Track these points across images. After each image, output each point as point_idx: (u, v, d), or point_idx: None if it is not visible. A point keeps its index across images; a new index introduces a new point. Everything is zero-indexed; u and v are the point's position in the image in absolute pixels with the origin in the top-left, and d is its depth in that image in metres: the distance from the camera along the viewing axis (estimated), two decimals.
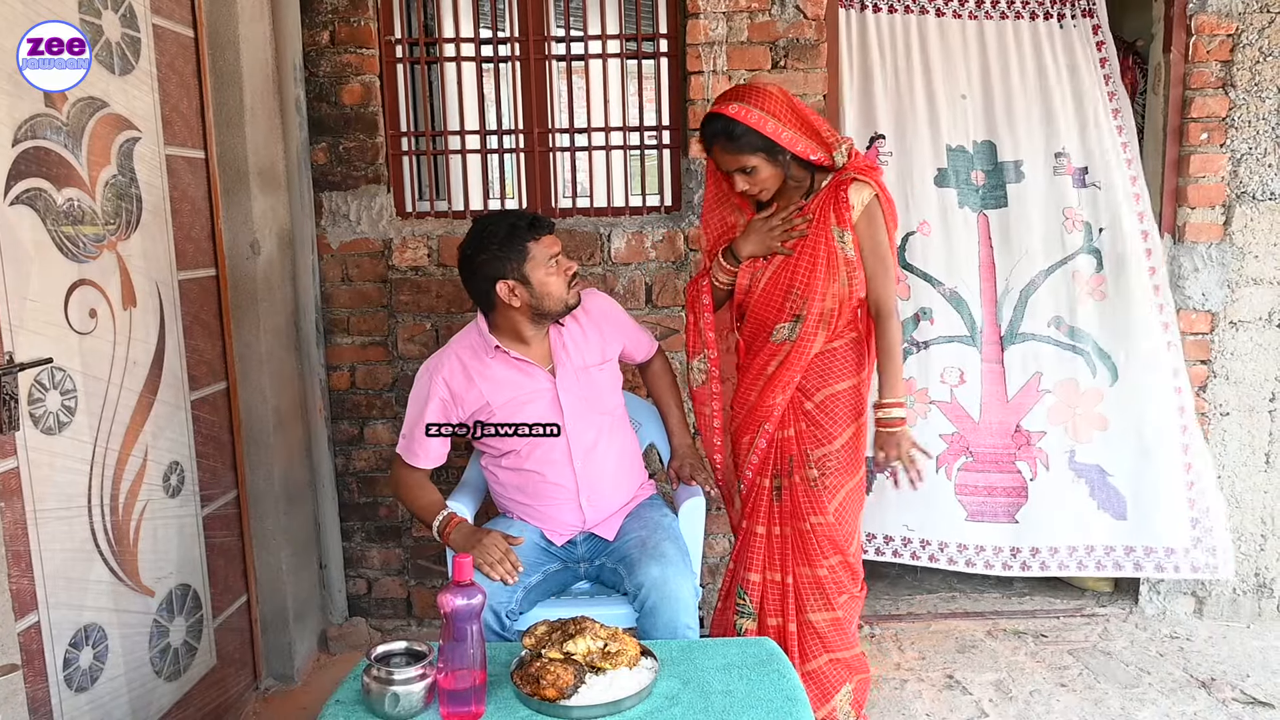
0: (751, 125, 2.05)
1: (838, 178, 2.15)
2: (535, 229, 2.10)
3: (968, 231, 2.94)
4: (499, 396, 2.17)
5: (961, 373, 2.92)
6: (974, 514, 2.93)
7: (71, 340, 1.90)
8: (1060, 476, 2.91)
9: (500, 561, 2.03)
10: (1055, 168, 2.92)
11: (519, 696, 1.63)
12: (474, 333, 2.22)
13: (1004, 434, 2.93)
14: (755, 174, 2.12)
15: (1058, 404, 2.90)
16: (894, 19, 2.94)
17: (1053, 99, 2.92)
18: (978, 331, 2.93)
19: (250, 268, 2.59)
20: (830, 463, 2.18)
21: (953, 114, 2.93)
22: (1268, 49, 2.83)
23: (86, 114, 1.96)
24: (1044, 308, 2.92)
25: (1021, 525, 2.91)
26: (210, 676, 2.46)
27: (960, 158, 2.94)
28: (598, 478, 2.22)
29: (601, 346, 2.27)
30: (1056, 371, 2.91)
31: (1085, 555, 2.92)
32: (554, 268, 2.10)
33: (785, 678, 1.70)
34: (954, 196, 2.93)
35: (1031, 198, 2.92)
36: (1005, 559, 2.92)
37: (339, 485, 3.06)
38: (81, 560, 1.95)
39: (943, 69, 2.93)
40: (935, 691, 2.65)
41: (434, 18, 3.06)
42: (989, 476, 2.92)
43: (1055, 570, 2.94)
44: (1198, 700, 2.58)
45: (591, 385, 2.23)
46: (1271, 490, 3.00)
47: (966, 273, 2.93)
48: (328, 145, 2.92)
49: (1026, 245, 2.92)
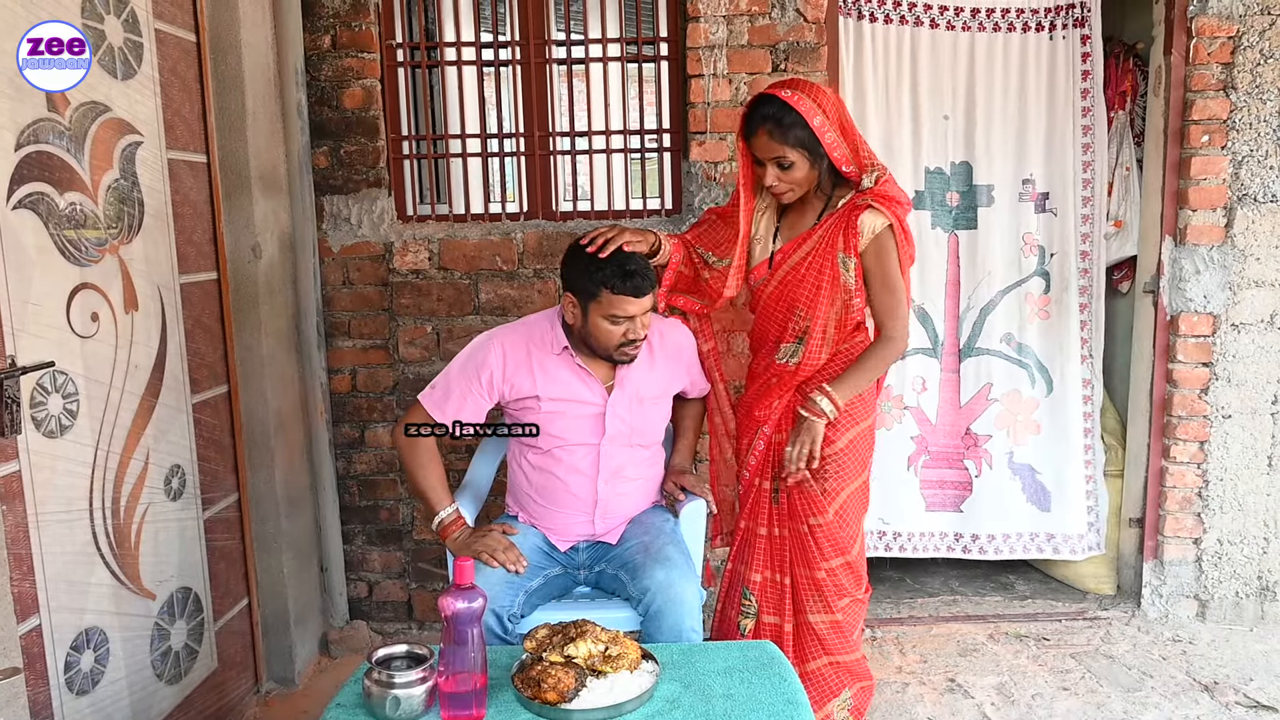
0: (802, 114, 2.00)
1: (855, 200, 2.09)
2: (624, 285, 1.99)
3: (939, 251, 3.11)
4: (550, 392, 2.13)
5: (924, 381, 3.15)
6: (930, 505, 3.20)
7: (73, 344, 1.90)
8: (1000, 474, 3.18)
9: (507, 549, 2.04)
10: (1021, 194, 3.10)
11: (520, 700, 1.62)
12: (547, 324, 2.18)
13: (955, 435, 3.18)
14: (791, 170, 2.06)
15: (1003, 411, 3.16)
16: (889, 30, 2.98)
17: (1028, 123, 3.06)
18: (940, 345, 3.14)
19: (252, 271, 2.59)
20: (831, 466, 2.16)
21: (934, 135, 3.06)
22: (1268, 51, 2.82)
23: (89, 118, 1.96)
24: (999, 325, 3.14)
25: (965, 515, 3.19)
26: (211, 680, 2.46)
27: (937, 180, 3.09)
28: (617, 498, 2.22)
29: (666, 382, 2.25)
30: (1005, 383, 3.15)
31: (1015, 541, 3.20)
32: (615, 325, 2.03)
33: (786, 681, 1.70)
34: (928, 218, 3.08)
35: (998, 221, 3.10)
36: (950, 543, 3.21)
37: (340, 488, 3.06)
38: (83, 563, 1.95)
39: (930, 86, 3.02)
40: (937, 695, 2.64)
41: (435, 21, 3.06)
42: (942, 472, 3.20)
43: (991, 554, 3.21)
44: (1200, 704, 2.57)
45: (643, 416, 2.19)
46: (1274, 493, 3.00)
47: (934, 291, 3.12)
48: (329, 149, 2.93)
49: (989, 266, 3.11)
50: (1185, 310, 2.95)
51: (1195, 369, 2.96)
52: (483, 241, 2.95)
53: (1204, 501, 3.02)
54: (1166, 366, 3.01)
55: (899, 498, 3.15)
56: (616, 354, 2.09)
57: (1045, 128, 3.05)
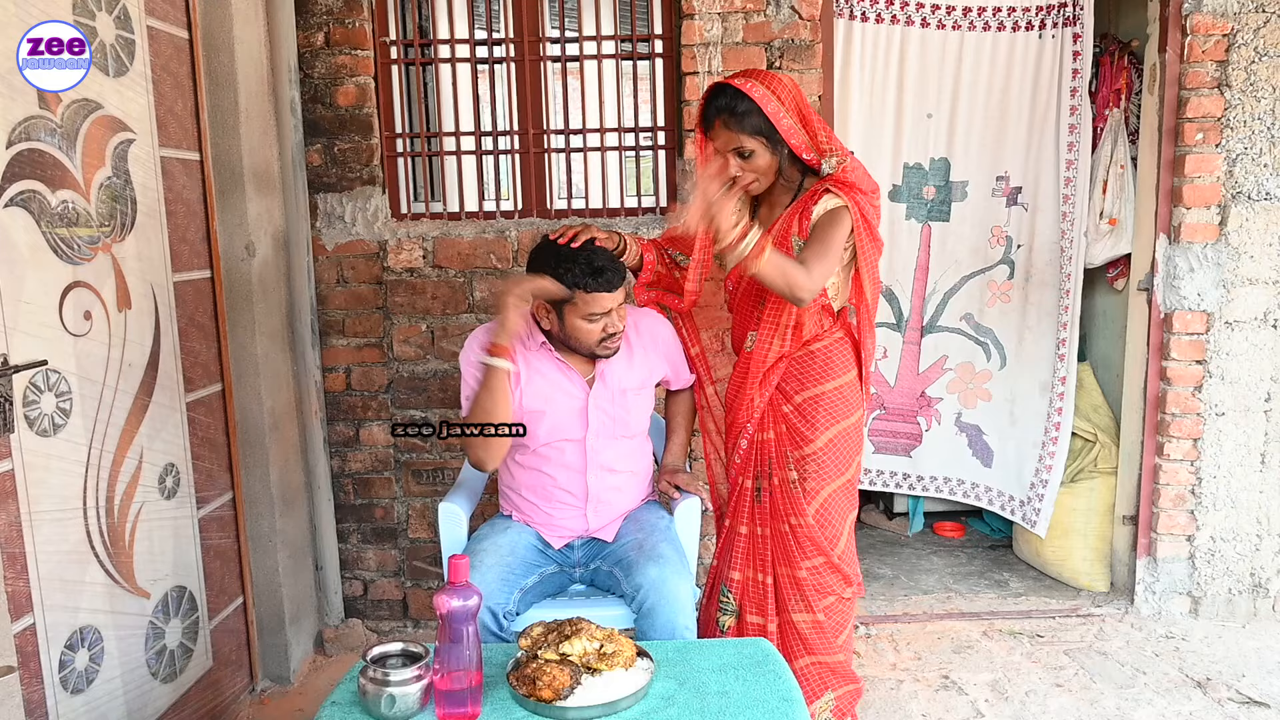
0: (755, 100, 1.99)
1: (815, 187, 2.08)
2: (596, 283, 1.98)
3: (910, 240, 3.30)
4: (534, 384, 2.14)
5: (885, 350, 3.44)
6: (879, 449, 3.54)
7: (66, 342, 1.90)
8: (948, 430, 3.48)
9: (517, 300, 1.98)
10: (994, 189, 3.24)
11: (515, 698, 1.63)
12: (523, 320, 2.14)
13: (911, 396, 3.48)
14: (752, 159, 2.05)
15: (956, 379, 3.44)
16: (879, 30, 3.01)
17: (1008, 123, 3.15)
18: (904, 321, 3.39)
19: (245, 269, 2.59)
20: (810, 465, 2.14)
21: (915, 133, 3.16)
22: (1263, 49, 2.83)
23: (81, 116, 1.96)
24: (959, 306, 3.37)
25: (914, 460, 3.53)
26: (206, 678, 2.46)
27: (915, 175, 3.23)
28: (608, 491, 2.22)
29: (646, 372, 2.24)
30: (959, 355, 3.41)
31: (957, 486, 3.51)
32: (593, 322, 2.03)
33: (781, 678, 1.70)
34: (903, 210, 3.25)
35: (970, 216, 3.26)
36: (899, 481, 3.57)
37: (335, 487, 3.06)
38: (77, 562, 1.94)
39: (915, 86, 3.10)
40: (931, 692, 2.65)
41: (429, 19, 3.05)
42: (895, 424, 3.53)
43: (934, 493, 3.54)
44: (1193, 700, 2.58)
45: (625, 408, 2.19)
46: (1267, 490, 3.01)
47: (903, 275, 3.33)
48: (323, 147, 2.92)
49: (957, 256, 3.32)
50: (1179, 308, 2.95)
51: (1189, 366, 2.97)
52: (477, 239, 2.95)
53: (1197, 499, 3.03)
54: (1160, 364, 3.02)
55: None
56: (599, 349, 2.09)
57: (1025, 125, 3.14)
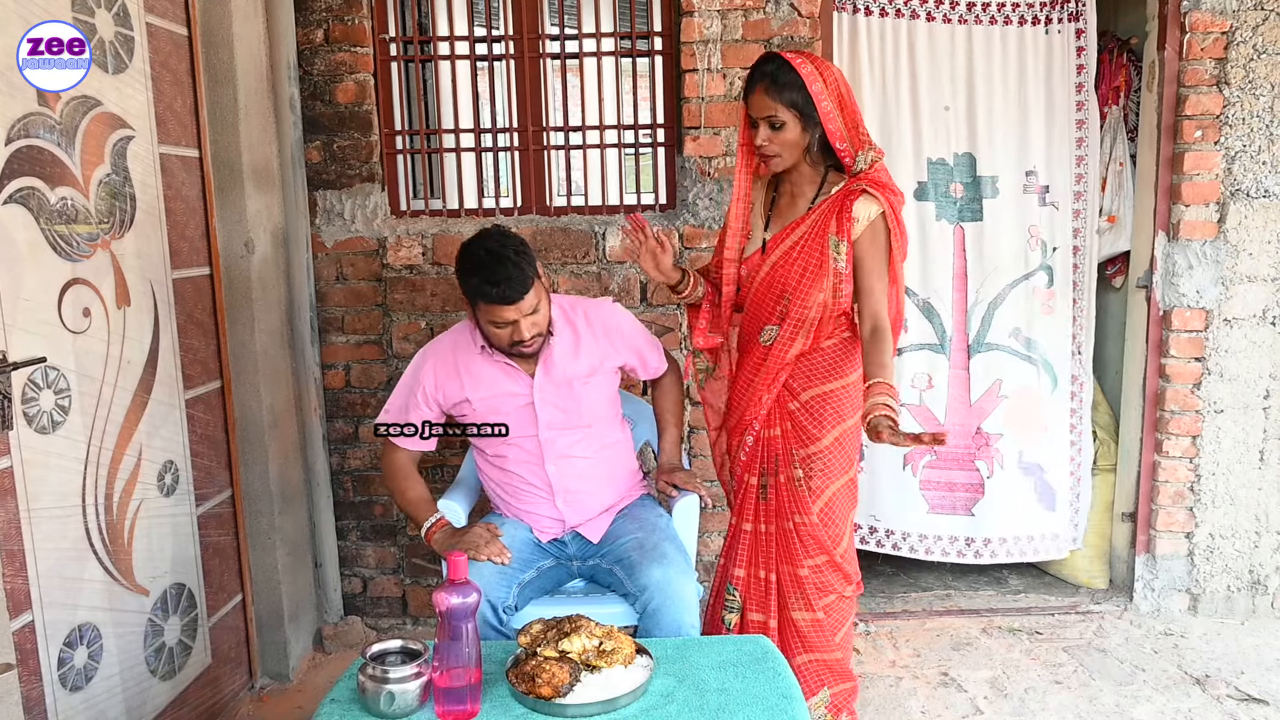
0: (802, 76, 1.98)
1: (849, 185, 2.06)
2: (484, 295, 2.00)
3: (944, 244, 3.05)
4: (478, 392, 2.19)
5: (930, 378, 3.08)
6: (935, 507, 3.12)
7: (65, 339, 1.90)
8: (1012, 474, 3.11)
9: (488, 543, 2.08)
10: (1025, 185, 3.06)
11: (514, 695, 1.63)
12: (470, 325, 2.22)
13: (965, 435, 3.10)
14: (781, 131, 2.02)
15: (1014, 408, 3.09)
16: (884, 23, 2.95)
17: (1029, 115, 3.03)
18: (947, 340, 3.07)
19: (245, 267, 2.59)
20: (815, 463, 2.14)
21: (935, 126, 3.00)
22: (1262, 46, 2.83)
23: (80, 113, 1.95)
24: (1007, 319, 3.08)
25: (977, 518, 3.11)
26: (205, 675, 2.46)
27: (940, 170, 3.03)
28: (574, 481, 2.24)
29: (595, 361, 2.24)
30: (1015, 379, 3.08)
31: (1026, 543, 3.16)
32: (499, 329, 2.06)
33: (780, 675, 1.70)
34: (932, 210, 3.03)
35: (1004, 213, 3.05)
36: (960, 548, 3.14)
37: (334, 484, 3.06)
38: (76, 559, 1.94)
39: (929, 78, 2.98)
40: (930, 689, 2.65)
41: (428, 16, 3.05)
42: (951, 474, 3.11)
43: (1002, 558, 3.15)
44: (1192, 697, 2.58)
45: (573, 398, 2.21)
46: (1266, 487, 3.01)
47: (940, 284, 3.06)
48: (322, 144, 2.92)
49: (997, 260, 3.06)
50: (1178, 305, 2.95)
51: (1188, 364, 2.97)
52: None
53: (1196, 496, 3.03)
54: (1159, 361, 3.02)
55: (894, 498, 3.11)
56: (513, 351, 2.12)
57: (1044, 121, 3.02)
